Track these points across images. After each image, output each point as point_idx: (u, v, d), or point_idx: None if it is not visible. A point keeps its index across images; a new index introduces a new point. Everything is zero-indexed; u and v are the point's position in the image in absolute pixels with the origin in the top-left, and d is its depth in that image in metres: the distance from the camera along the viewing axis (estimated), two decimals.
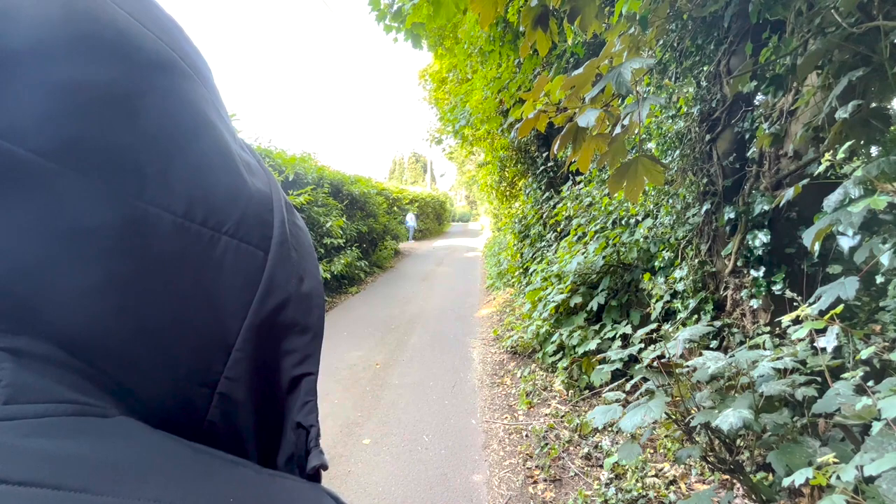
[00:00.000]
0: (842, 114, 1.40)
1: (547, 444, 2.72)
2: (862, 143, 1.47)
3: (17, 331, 0.20)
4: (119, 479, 0.18)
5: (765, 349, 1.80)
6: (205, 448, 0.23)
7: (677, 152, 2.88)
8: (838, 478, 0.98)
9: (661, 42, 2.66)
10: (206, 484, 0.21)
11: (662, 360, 1.78)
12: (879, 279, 1.59)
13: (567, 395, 3.30)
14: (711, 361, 1.57)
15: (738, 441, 1.70)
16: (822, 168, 1.26)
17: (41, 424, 0.19)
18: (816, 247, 1.29)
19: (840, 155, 1.17)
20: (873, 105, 1.45)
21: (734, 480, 1.85)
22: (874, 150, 1.60)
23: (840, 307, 1.22)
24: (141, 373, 0.24)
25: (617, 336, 3.20)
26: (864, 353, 1.20)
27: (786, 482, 1.07)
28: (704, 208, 2.60)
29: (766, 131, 2.17)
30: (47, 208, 0.20)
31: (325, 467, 0.30)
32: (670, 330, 2.69)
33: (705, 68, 2.58)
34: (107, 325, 0.22)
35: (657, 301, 3.03)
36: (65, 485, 0.16)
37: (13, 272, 0.20)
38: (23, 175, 0.20)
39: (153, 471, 0.20)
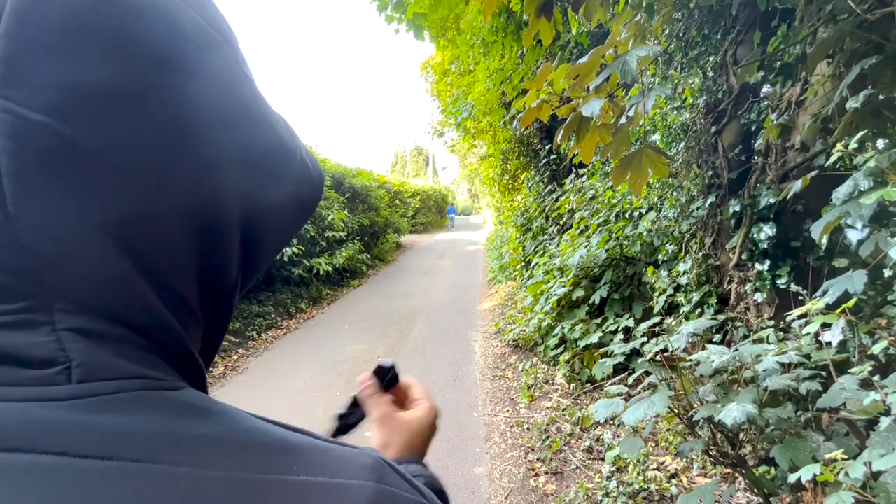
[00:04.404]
0: (853, 104, 1.37)
1: (548, 437, 2.72)
2: (873, 133, 1.44)
3: (83, 311, 0.21)
4: (178, 449, 0.20)
5: (769, 343, 1.79)
6: (270, 424, 0.25)
7: (682, 144, 2.84)
8: (846, 474, 0.96)
9: (666, 32, 2.62)
10: (269, 456, 0.22)
11: (665, 354, 1.77)
12: (887, 273, 1.57)
13: (569, 388, 3.30)
14: (715, 355, 1.55)
15: (741, 435, 1.69)
16: (833, 159, 1.23)
17: (111, 401, 0.20)
18: (824, 240, 1.27)
19: (852, 145, 1.15)
20: (884, 95, 1.42)
21: (736, 474, 1.85)
22: (880, 143, 1.57)
23: (853, 300, 1.20)
24: (187, 343, 0.26)
25: (619, 329, 3.19)
26: (877, 349, 1.18)
27: (792, 478, 1.06)
28: (709, 201, 2.57)
29: (774, 122, 2.13)
30: (82, 193, 0.21)
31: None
32: (673, 324, 2.67)
33: (711, 58, 2.54)
34: (146, 303, 0.23)
35: (660, 295, 3.01)
36: (118, 456, 0.18)
37: (75, 252, 0.21)
38: (71, 155, 0.20)
39: (216, 442, 0.21)
